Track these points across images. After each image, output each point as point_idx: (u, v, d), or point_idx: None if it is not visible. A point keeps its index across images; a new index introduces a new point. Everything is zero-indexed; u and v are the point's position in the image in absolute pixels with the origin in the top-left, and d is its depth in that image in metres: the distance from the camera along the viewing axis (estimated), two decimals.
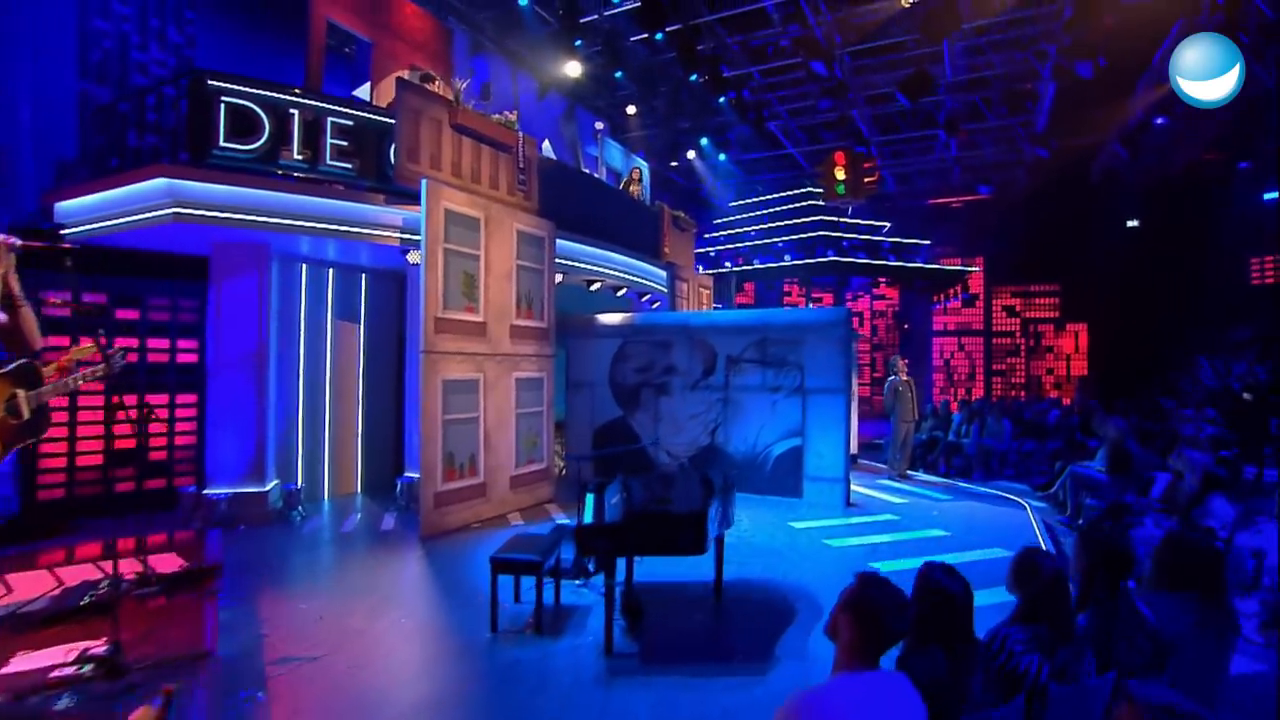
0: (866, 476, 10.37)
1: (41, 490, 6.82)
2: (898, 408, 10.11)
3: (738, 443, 8.87)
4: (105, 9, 8.06)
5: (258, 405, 7.04)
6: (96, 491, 7.10)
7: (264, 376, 7.08)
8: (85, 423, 7.07)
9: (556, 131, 12.38)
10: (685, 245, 12.88)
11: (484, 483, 7.28)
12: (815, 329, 8.35)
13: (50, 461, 6.88)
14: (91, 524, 6.85)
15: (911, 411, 10.09)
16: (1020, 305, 20.88)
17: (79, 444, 7.04)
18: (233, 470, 6.94)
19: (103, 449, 7.16)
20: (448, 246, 6.80)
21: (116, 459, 7.23)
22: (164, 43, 8.58)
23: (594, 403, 9.98)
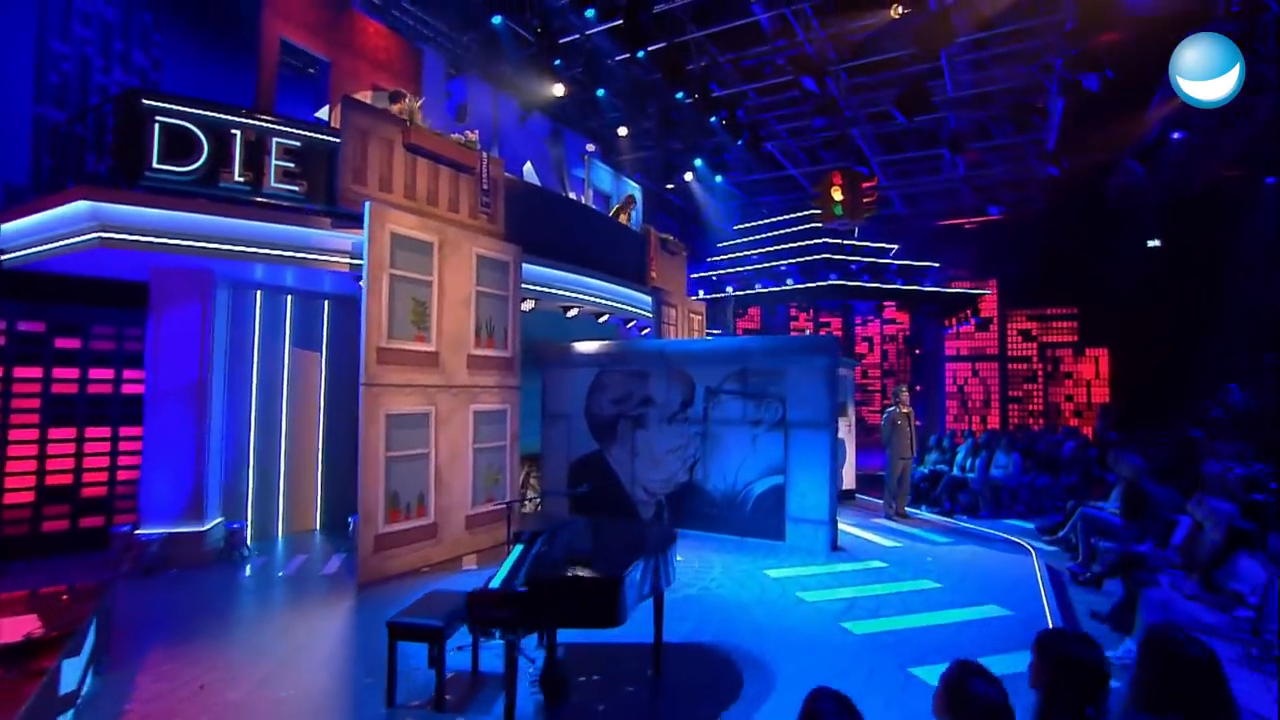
0: (861, 515, 9.75)
1: None
2: (894, 441, 9.52)
3: (717, 480, 8.34)
4: (65, 31, 7.94)
5: (197, 440, 6.69)
6: (23, 531, 6.76)
7: (204, 409, 6.74)
8: (15, 457, 6.76)
9: (541, 154, 12.13)
10: (675, 270, 12.48)
11: (435, 523, 6.83)
12: (797, 358, 7.85)
13: None
14: (15, 567, 6.51)
15: (908, 446, 9.48)
16: (1037, 329, 20.11)
17: (7, 480, 6.73)
18: (169, 509, 6.57)
19: (34, 485, 6.84)
20: (395, 272, 6.45)
21: (48, 496, 6.91)
22: (128, 66, 8.45)
23: (570, 435, 9.53)
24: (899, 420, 9.51)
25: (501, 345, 7.81)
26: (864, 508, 10.38)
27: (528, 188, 8.83)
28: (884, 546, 7.85)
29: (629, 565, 3.74)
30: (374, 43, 8.25)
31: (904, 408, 9.59)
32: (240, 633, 4.97)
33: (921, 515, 9.82)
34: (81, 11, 8.12)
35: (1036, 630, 2.25)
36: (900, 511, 9.55)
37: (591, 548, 4.10)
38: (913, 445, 9.54)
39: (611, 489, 9.09)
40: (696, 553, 7.44)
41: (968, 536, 8.42)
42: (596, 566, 3.78)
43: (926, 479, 11.04)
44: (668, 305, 11.49)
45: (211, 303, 6.80)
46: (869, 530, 8.69)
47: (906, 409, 9.60)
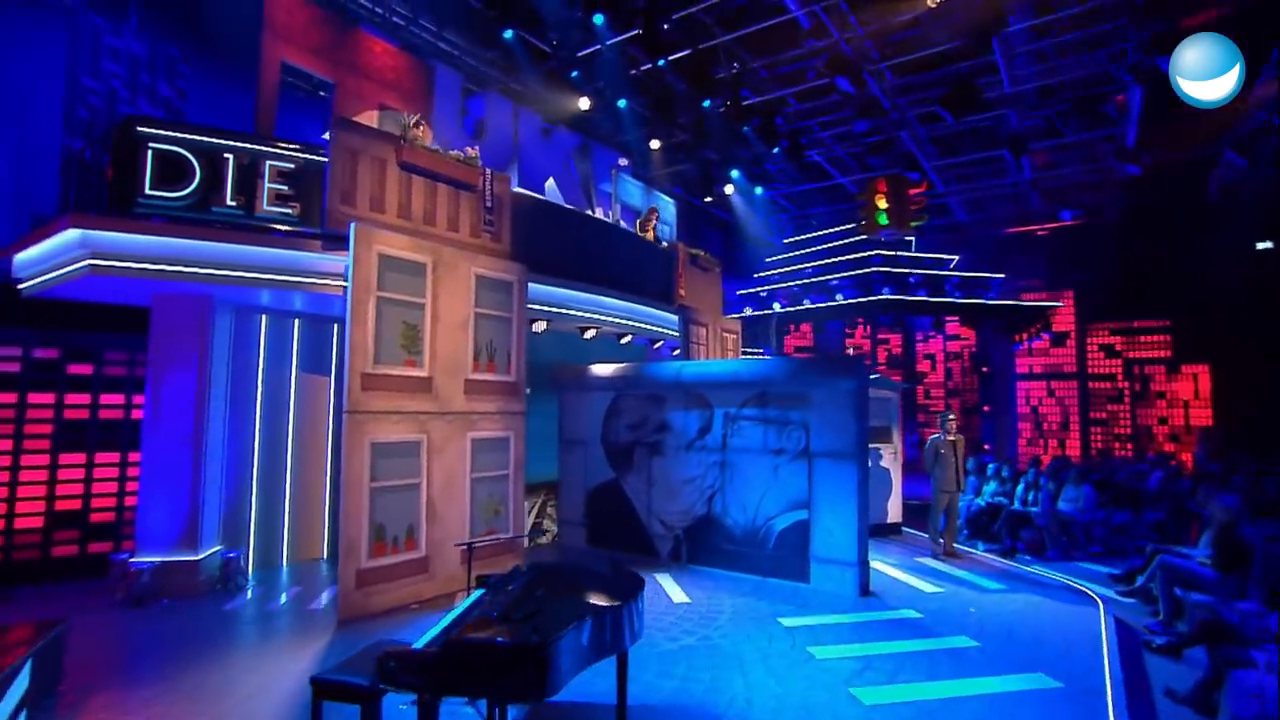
0: (906, 553, 8.94)
1: None
2: (936, 472, 8.69)
3: (736, 514, 7.79)
4: (95, 67, 8.32)
5: (193, 467, 6.70)
6: (34, 556, 6.93)
7: (201, 436, 6.75)
8: (27, 483, 6.95)
9: (566, 170, 11.94)
10: (708, 287, 12.02)
11: (426, 557, 6.58)
12: (821, 382, 7.24)
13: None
14: (21, 593, 6.66)
15: (953, 478, 8.63)
16: (1121, 344, 18.45)
17: (19, 505, 6.92)
18: (163, 537, 6.59)
19: (44, 510, 7.02)
20: (383, 295, 6.30)
21: (59, 521, 7.07)
22: (154, 98, 8.77)
23: (587, 463, 9.18)
24: (942, 449, 8.69)
25: (504, 369, 7.55)
26: (911, 543, 9.54)
27: (539, 204, 8.62)
28: (923, 592, 7.08)
29: (572, 624, 3.32)
30: (381, 62, 8.29)
31: (950, 435, 8.76)
32: (197, 675, 4.80)
33: (976, 554, 8.92)
34: (111, 47, 8.49)
35: (1089, 710, 1.69)
36: (949, 550, 8.69)
37: (542, 597, 3.70)
38: (959, 477, 8.68)
39: (627, 521, 8.67)
40: (709, 594, 6.90)
41: (1024, 582, 7.52)
42: (541, 622, 3.38)
43: (984, 512, 10.07)
44: (697, 324, 11.03)
45: (210, 328, 6.84)
46: (909, 572, 7.90)
47: (953, 436, 8.77)
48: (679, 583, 7.35)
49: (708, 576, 7.60)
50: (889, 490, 10.13)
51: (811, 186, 17.60)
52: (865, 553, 7.04)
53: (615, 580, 4.14)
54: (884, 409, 10.28)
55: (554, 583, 3.99)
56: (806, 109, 13.57)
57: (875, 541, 9.57)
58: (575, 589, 3.92)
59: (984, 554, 8.94)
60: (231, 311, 7.28)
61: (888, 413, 10.31)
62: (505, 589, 3.92)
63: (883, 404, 10.27)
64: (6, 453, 6.88)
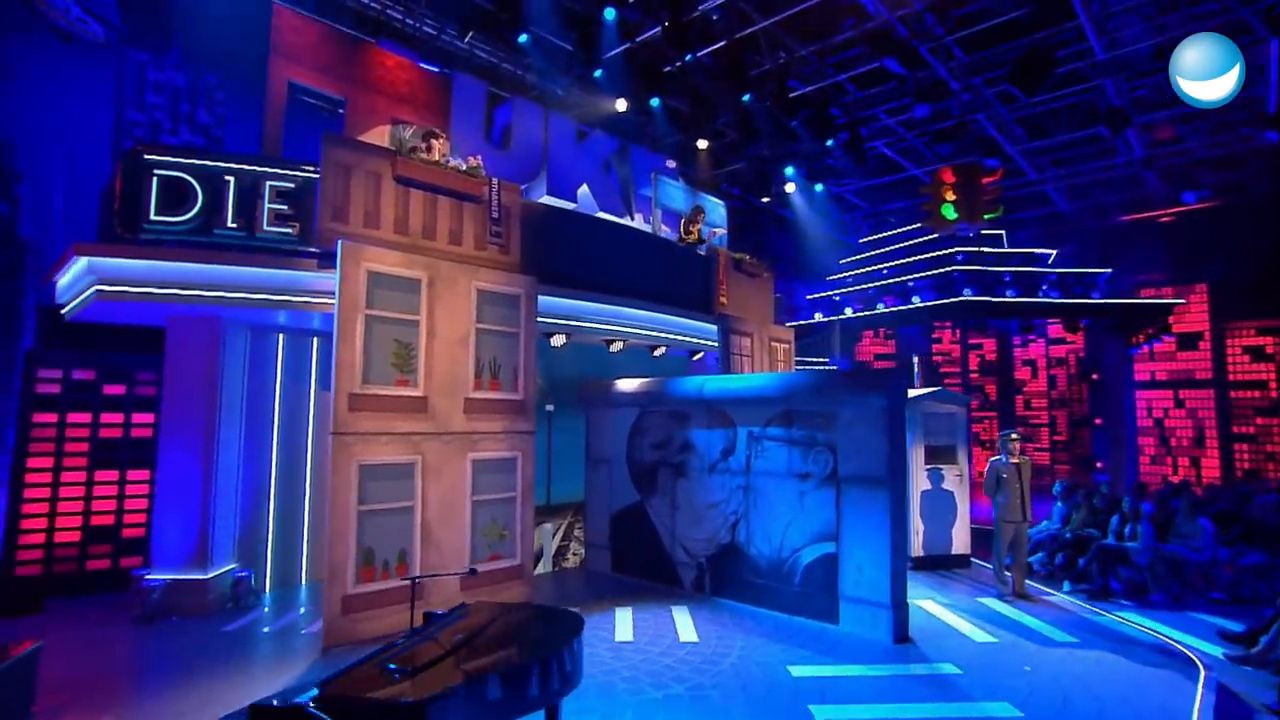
0: (969, 589, 8.07)
1: (20, 566, 7.26)
2: (999, 499, 7.78)
3: (761, 543, 7.26)
4: (139, 101, 8.97)
5: (203, 486, 6.98)
6: (71, 569, 7.44)
7: (211, 455, 7.03)
8: (66, 498, 7.49)
9: (602, 175, 11.78)
10: (756, 293, 11.47)
11: (420, 584, 6.50)
12: (850, 398, 6.62)
13: (29, 538, 7.32)
14: (61, 604, 7.16)
15: (1019, 506, 7.68)
16: (1273, 345, 16.15)
17: (58, 519, 7.45)
18: (175, 555, 6.90)
19: (80, 525, 7.53)
20: (373, 313, 6.32)
21: (93, 536, 7.56)
22: (194, 125, 9.36)
23: (612, 483, 8.92)
24: (1004, 473, 7.76)
25: (510, 387, 7.42)
26: (978, 579, 8.60)
27: (553, 213, 8.48)
28: (971, 641, 6.29)
29: (463, 680, 3.06)
30: (394, 76, 8.45)
31: (1014, 457, 7.81)
32: (169, 700, 4.89)
33: (1055, 596, 7.90)
34: (154, 81, 9.14)
35: None
36: (1018, 590, 7.73)
37: (460, 643, 3.45)
38: (1025, 505, 7.71)
39: (651, 546, 8.32)
40: (722, 633, 6.44)
41: (1104, 635, 6.53)
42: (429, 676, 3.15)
43: (1071, 545, 8.96)
44: (739, 334, 10.52)
45: (219, 348, 7.12)
46: (963, 614, 7.08)
47: (1017, 459, 7.82)
48: (695, 617, 6.92)
49: (729, 611, 7.12)
50: (953, 516, 9.21)
51: (883, 181, 16.59)
52: (902, 593, 6.34)
53: (551, 625, 3.84)
54: (947, 425, 9.38)
55: (481, 627, 3.75)
56: (867, 96, 12.76)
57: (936, 576, 8.72)
58: (502, 636, 3.65)
59: (1066, 596, 7.90)
60: (247, 331, 7.57)
61: (952, 429, 9.40)
62: (426, 631, 3.71)
63: (946, 419, 9.38)
64: (48, 469, 7.44)
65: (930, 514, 9.15)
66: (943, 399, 9.41)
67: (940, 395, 9.40)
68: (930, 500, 9.15)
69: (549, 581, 8.62)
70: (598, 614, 7.02)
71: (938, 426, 9.35)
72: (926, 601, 7.55)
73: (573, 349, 9.40)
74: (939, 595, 7.82)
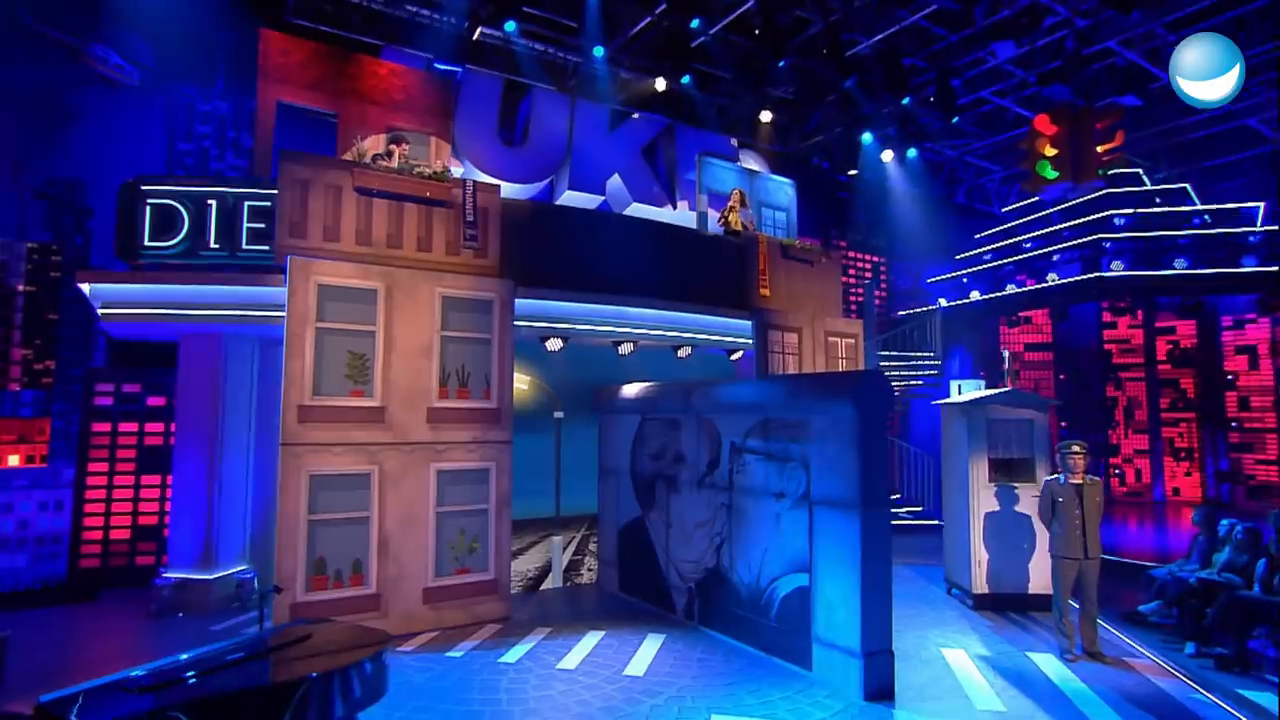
0: (1030, 639, 7.02)
1: (83, 559, 8.72)
2: (1055, 530, 6.65)
3: (742, 569, 6.85)
4: (189, 132, 10.37)
5: (208, 492, 7.94)
6: (123, 564, 8.80)
7: (215, 463, 7.97)
8: (118, 499, 8.86)
9: (637, 163, 11.68)
10: (809, 283, 10.74)
11: (377, 594, 6.92)
12: (820, 406, 6.03)
13: (90, 534, 8.76)
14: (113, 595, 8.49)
15: (1079, 540, 6.49)
16: None
17: (112, 519, 8.84)
18: (185, 556, 7.91)
19: (130, 524, 8.87)
20: (324, 325, 6.81)
21: (141, 534, 8.89)
22: (239, 149, 10.64)
23: (619, 495, 8.86)
24: (1060, 496, 6.61)
25: (481, 395, 7.64)
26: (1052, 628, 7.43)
27: (542, 211, 8.59)
28: (971, 708, 5.47)
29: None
30: (387, 84, 8.97)
31: (1076, 475, 6.63)
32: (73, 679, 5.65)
33: (1146, 657, 6.63)
34: (202, 112, 10.50)
35: None
36: (1088, 646, 6.54)
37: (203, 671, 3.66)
38: (1087, 539, 6.50)
39: (650, 566, 8.16)
40: (679, 666, 6.17)
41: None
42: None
43: (1194, 594, 7.42)
44: (781, 329, 9.94)
45: (221, 361, 8.04)
46: (992, 672, 6.15)
47: (1080, 479, 6.62)
48: (663, 649, 6.69)
49: (706, 644, 6.80)
50: (1030, 545, 8.01)
51: (1002, 138, 14.79)
52: (879, 640, 5.65)
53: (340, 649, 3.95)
54: (1021, 434, 8.19)
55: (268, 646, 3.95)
56: (961, 40, 11.43)
57: (1002, 620, 7.67)
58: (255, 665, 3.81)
59: (1163, 660, 6.55)
60: (254, 344, 8.46)
61: (1027, 439, 8.18)
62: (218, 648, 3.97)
63: (1018, 427, 8.19)
64: (103, 474, 8.86)
65: (997, 542, 8.05)
66: (1014, 402, 8.23)
67: (1010, 398, 8.23)
68: (997, 525, 8.05)
69: (542, 598, 8.76)
70: (563, 637, 7.02)
71: (1007, 436, 8.20)
72: (957, 651, 6.68)
73: (585, 352, 9.45)
74: (978, 645, 6.88)
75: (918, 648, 6.82)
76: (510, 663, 6.32)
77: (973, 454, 8.14)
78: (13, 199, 9.25)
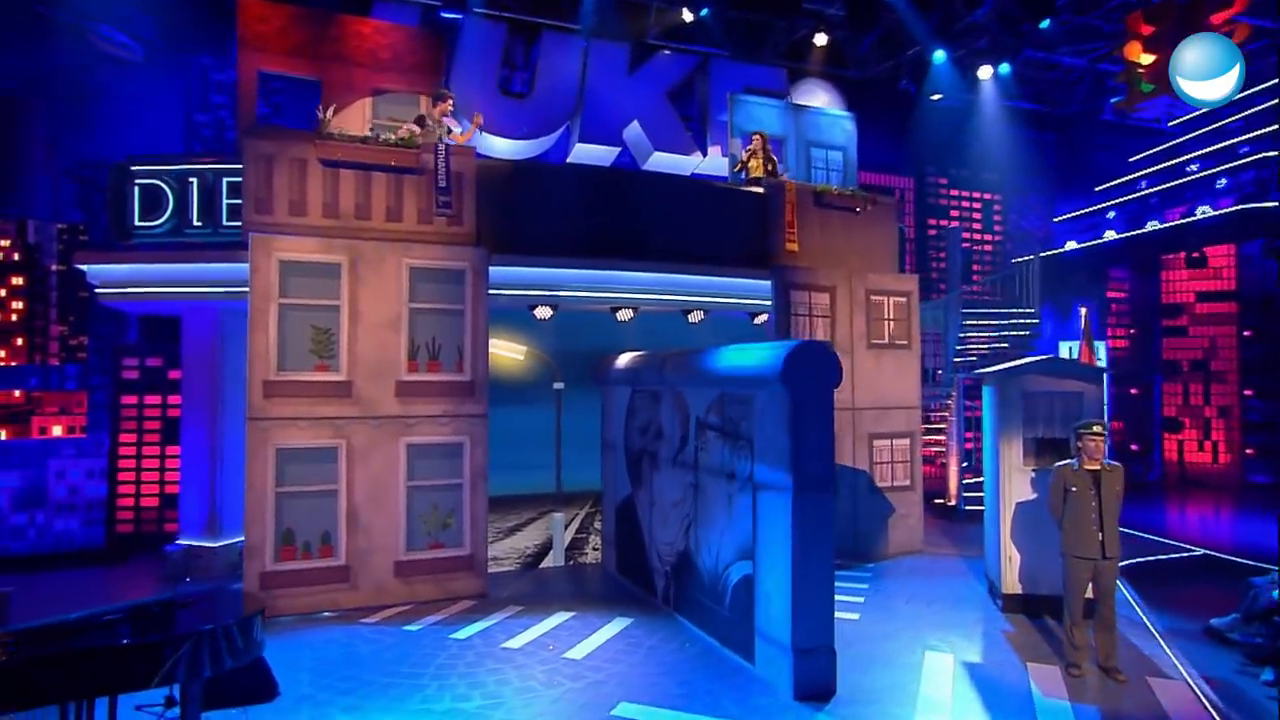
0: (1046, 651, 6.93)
1: (120, 524, 10.43)
2: (1066, 525, 6.46)
3: (705, 554, 7.20)
4: (205, 102, 11.71)
5: (210, 463, 9.26)
6: (153, 530, 10.43)
7: (216, 434, 9.26)
8: (147, 469, 10.48)
9: (662, 107, 11.79)
10: (850, 233, 10.53)
11: (346, 566, 7.89)
12: (762, 381, 6.21)
13: (124, 500, 10.44)
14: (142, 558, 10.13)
15: (1095, 537, 6.22)
16: None
17: (143, 487, 10.48)
18: (192, 524, 9.32)
19: (158, 492, 10.48)
20: (287, 301, 7.74)
21: (168, 502, 10.47)
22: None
23: (615, 471, 9.41)
24: (1073, 485, 6.39)
25: (453, 368, 8.36)
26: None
27: (522, 170, 9.12)
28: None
29: None
30: (372, 43, 9.61)
31: (1091, 461, 6.38)
32: None
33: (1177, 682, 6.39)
34: (217, 81, 11.79)
35: None
36: (1104, 662, 6.34)
37: None
38: (1106, 535, 6.24)
39: (638, 547, 8.68)
40: (622, 653, 6.70)
41: None
42: None
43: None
44: (807, 288, 9.90)
45: (220, 336, 9.26)
46: (970, 685, 6.17)
47: (1095, 464, 6.36)
48: (623, 633, 7.24)
49: (669, 630, 7.27)
50: None
51: None
52: (813, 636, 5.82)
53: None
54: (1066, 410, 7.84)
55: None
56: None
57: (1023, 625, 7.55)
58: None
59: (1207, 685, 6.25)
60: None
61: (1074, 415, 7.83)
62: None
63: (1063, 401, 7.86)
64: (132, 444, 10.49)
65: (1032, 536, 7.81)
66: (1057, 371, 7.89)
67: (1052, 367, 7.89)
68: (1032, 516, 7.81)
69: (534, 576, 9.49)
70: (528, 616, 7.70)
71: (1049, 412, 7.90)
72: (944, 657, 6.72)
73: (587, 318, 9.95)
74: (975, 651, 6.86)
75: (905, 649, 6.93)
76: (459, 639, 7.08)
77: (1004, 432, 7.94)
78: (46, 181, 10.94)
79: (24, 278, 10.26)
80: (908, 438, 10.53)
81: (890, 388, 10.40)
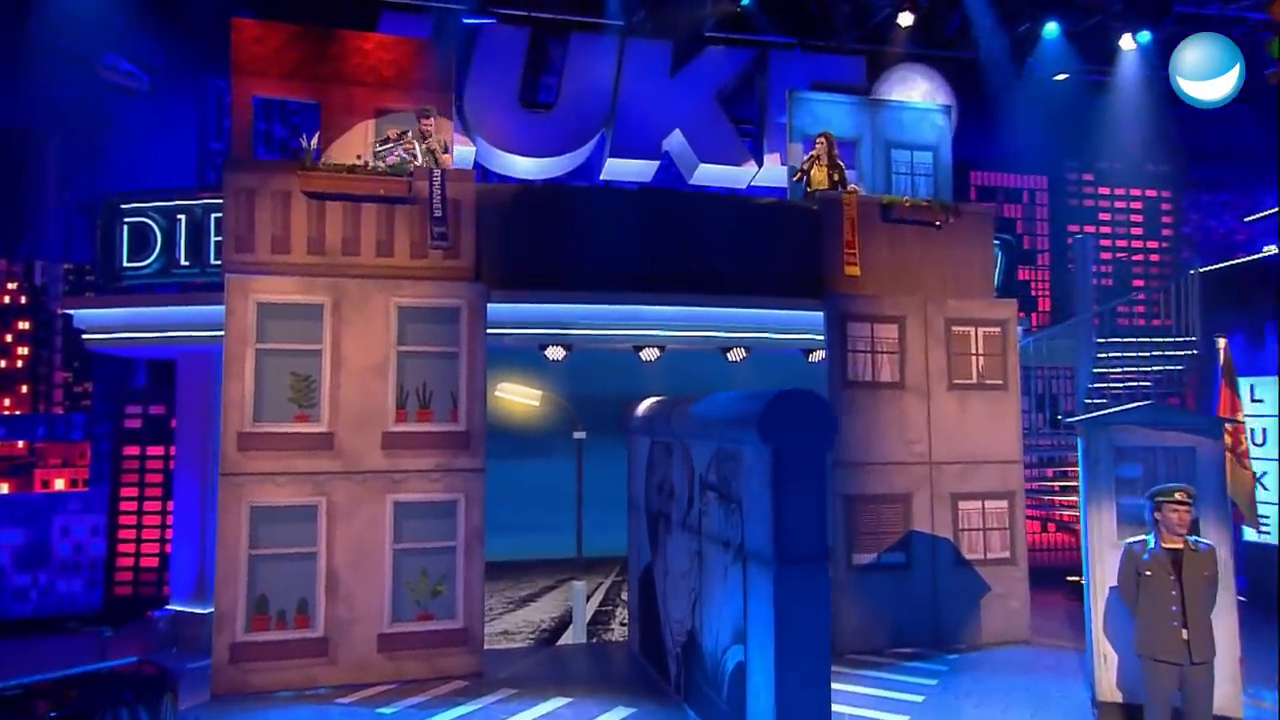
0: None
1: (118, 586, 11.69)
2: (1140, 621, 6.32)
3: (707, 635, 7.46)
4: (219, 130, 13.13)
5: (201, 519, 10.31)
6: (152, 592, 11.63)
7: (207, 493, 10.30)
8: (147, 526, 11.72)
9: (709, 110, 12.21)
10: (932, 250, 10.55)
11: (324, 638, 8.60)
12: (747, 433, 6.47)
13: (123, 560, 11.70)
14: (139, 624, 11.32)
15: (1179, 636, 6.05)
16: None
17: (143, 546, 11.72)
18: (182, 588, 10.37)
19: (158, 551, 11.70)
20: (264, 346, 8.64)
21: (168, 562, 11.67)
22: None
23: (639, 534, 9.80)
24: (1147, 569, 6.25)
25: (446, 417, 9.03)
26: None
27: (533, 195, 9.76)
28: None
29: None
30: (375, 60, 10.48)
31: (1171, 539, 6.22)
32: None
33: None
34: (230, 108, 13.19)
35: None
36: None
37: None
38: (1189, 631, 6.02)
39: (654, 624, 9.00)
40: None
41: None
42: None
43: None
44: (870, 319, 10.01)
45: (214, 381, 10.31)
46: None
47: (1177, 541, 6.20)
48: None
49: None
50: None
51: None
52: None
53: None
54: (1174, 469, 7.62)
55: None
56: None
57: None
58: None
59: None
60: None
61: (1185, 478, 7.57)
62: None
63: (1169, 458, 7.65)
64: (133, 499, 11.78)
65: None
66: (1159, 423, 7.70)
67: (1150, 416, 7.70)
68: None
69: (544, 655, 9.93)
70: (519, 702, 8.17)
71: (1151, 473, 7.71)
72: None
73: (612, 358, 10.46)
74: None
75: None
76: None
77: (1093, 497, 7.81)
78: (59, 218, 12.55)
79: (30, 322, 11.78)
80: (1005, 498, 10.37)
81: (979, 437, 10.29)
